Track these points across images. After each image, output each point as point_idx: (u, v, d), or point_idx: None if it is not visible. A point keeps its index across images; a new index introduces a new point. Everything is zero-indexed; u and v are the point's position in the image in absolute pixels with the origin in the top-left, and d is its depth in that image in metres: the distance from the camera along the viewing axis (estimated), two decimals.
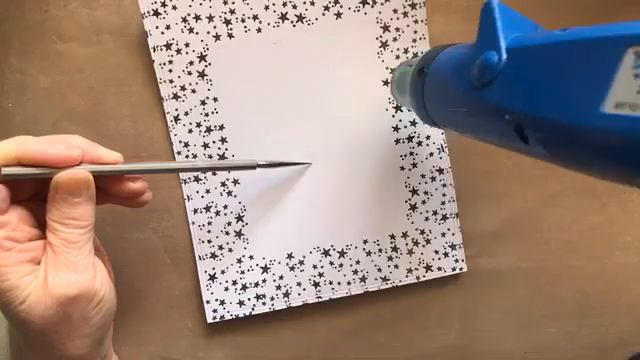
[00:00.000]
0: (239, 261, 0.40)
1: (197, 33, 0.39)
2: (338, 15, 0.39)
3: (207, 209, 0.40)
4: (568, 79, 0.19)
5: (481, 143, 0.41)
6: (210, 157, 0.40)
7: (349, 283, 0.41)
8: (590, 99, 0.18)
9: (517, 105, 0.22)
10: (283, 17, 0.39)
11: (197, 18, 0.38)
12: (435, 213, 0.41)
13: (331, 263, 0.41)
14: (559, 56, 0.20)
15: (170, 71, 0.39)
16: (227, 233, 0.40)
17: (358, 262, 0.41)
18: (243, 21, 0.39)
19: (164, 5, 0.38)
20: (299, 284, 0.41)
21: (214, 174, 0.40)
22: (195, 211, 0.40)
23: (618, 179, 0.20)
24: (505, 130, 0.23)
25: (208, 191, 0.40)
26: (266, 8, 0.39)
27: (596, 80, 0.18)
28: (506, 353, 0.43)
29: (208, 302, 0.40)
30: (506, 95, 0.23)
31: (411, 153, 0.41)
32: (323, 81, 0.40)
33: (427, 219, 0.41)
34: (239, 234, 0.40)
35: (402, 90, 0.35)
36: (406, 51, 0.40)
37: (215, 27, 0.39)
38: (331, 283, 0.41)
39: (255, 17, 0.39)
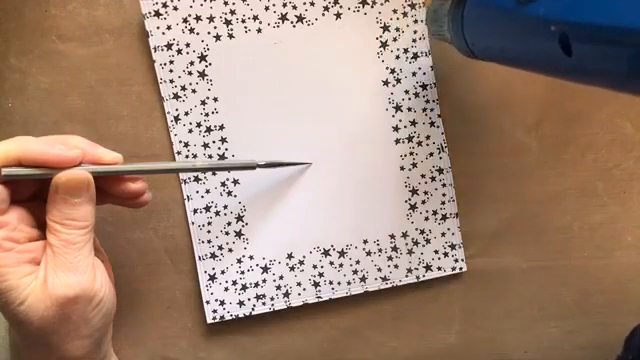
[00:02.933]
0: (239, 261, 0.40)
1: (198, 33, 0.39)
2: (338, 15, 0.39)
3: (207, 209, 0.40)
4: None
5: (481, 143, 0.41)
6: (210, 157, 0.40)
7: (349, 283, 0.41)
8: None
9: (563, 14, 0.22)
10: (283, 18, 0.39)
11: (198, 19, 0.38)
12: (435, 213, 0.41)
13: (331, 263, 0.41)
14: None
15: (171, 71, 0.39)
16: (227, 233, 0.40)
17: (358, 262, 0.41)
18: (243, 21, 0.39)
19: (165, 6, 0.38)
20: (299, 284, 0.41)
21: (214, 174, 0.40)
22: (195, 211, 0.40)
23: None
24: (549, 45, 0.23)
25: (208, 191, 0.40)
26: (266, 9, 0.39)
27: None
28: (506, 353, 0.43)
29: (208, 302, 0.40)
30: (552, 5, 0.22)
31: (411, 153, 0.41)
32: (323, 81, 0.40)
33: (427, 219, 0.41)
34: (239, 234, 0.40)
35: (438, 20, 0.34)
36: (406, 51, 0.40)
37: (216, 27, 0.39)
38: (331, 283, 0.41)
39: (255, 17, 0.39)
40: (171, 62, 0.39)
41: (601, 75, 0.22)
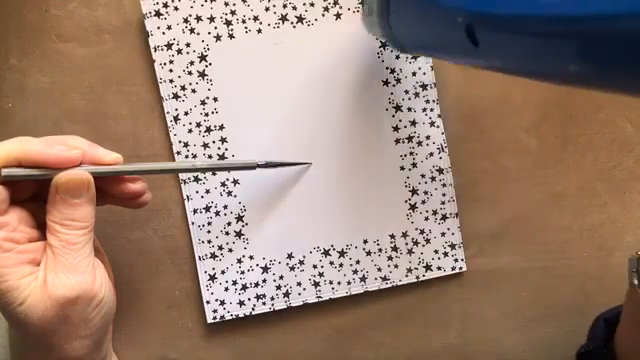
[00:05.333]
0: (239, 261, 0.40)
1: (198, 33, 0.39)
2: (338, 16, 0.39)
3: (207, 209, 0.40)
4: None
5: (481, 143, 0.41)
6: (210, 157, 0.40)
7: (349, 283, 0.41)
8: None
9: (468, 4, 0.22)
10: (283, 18, 0.39)
11: (198, 19, 0.38)
12: (435, 213, 0.41)
13: (331, 263, 0.41)
14: None
15: (170, 71, 0.39)
16: (227, 233, 0.40)
17: (358, 262, 0.41)
18: (244, 22, 0.39)
19: (166, 6, 0.38)
20: (299, 284, 0.41)
21: (214, 174, 0.40)
22: (195, 211, 0.40)
23: (558, 74, 0.20)
24: (457, 36, 0.24)
25: (208, 191, 0.40)
26: (266, 9, 0.39)
27: None
28: (506, 353, 0.43)
29: (208, 302, 0.40)
30: None
31: (411, 153, 0.41)
32: (323, 81, 0.40)
33: (427, 219, 0.41)
34: (239, 234, 0.40)
35: (370, 13, 0.35)
36: None
37: (216, 28, 0.39)
38: (331, 283, 0.41)
39: (256, 18, 0.39)
40: (171, 62, 0.39)
41: (505, 64, 0.23)
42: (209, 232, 0.40)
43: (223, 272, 0.40)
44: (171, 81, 0.39)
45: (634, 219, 0.42)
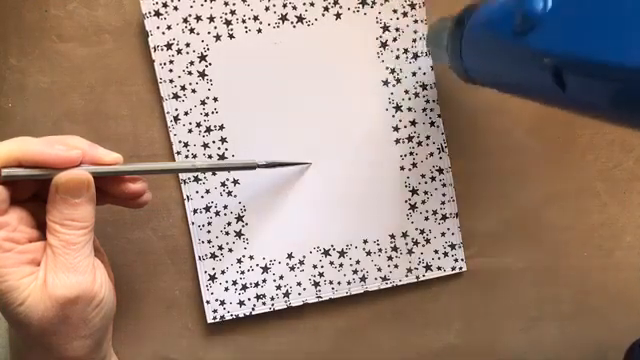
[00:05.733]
0: (239, 261, 0.40)
1: (198, 33, 0.39)
2: (338, 16, 0.39)
3: (207, 209, 0.40)
4: (613, 18, 0.19)
5: (481, 143, 0.41)
6: (210, 157, 0.40)
7: (349, 283, 0.41)
8: (636, 39, 0.18)
9: (560, 48, 0.22)
10: (283, 18, 0.39)
11: (198, 19, 0.38)
12: (435, 213, 0.41)
13: (331, 263, 0.41)
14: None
15: (170, 71, 0.39)
16: (227, 233, 0.40)
17: (358, 262, 0.41)
18: (244, 22, 0.39)
19: (165, 6, 0.38)
20: (299, 284, 0.41)
21: (214, 174, 0.40)
22: (195, 211, 0.40)
23: None
24: (543, 77, 0.23)
25: (208, 191, 0.40)
26: (266, 9, 0.39)
27: None
28: (506, 353, 0.43)
29: (208, 302, 0.40)
30: (550, 39, 0.22)
31: (411, 153, 0.41)
32: (323, 81, 0.40)
33: (427, 219, 0.41)
34: (239, 234, 0.40)
35: (438, 43, 0.35)
36: (406, 51, 0.40)
37: (216, 27, 0.39)
38: (331, 283, 0.41)
39: (255, 18, 0.39)
40: (171, 62, 0.39)
41: (594, 109, 0.22)
42: (209, 232, 0.40)
43: (223, 272, 0.40)
44: (171, 81, 0.39)
45: (634, 219, 0.42)
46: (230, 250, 0.40)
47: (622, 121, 0.21)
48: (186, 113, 0.39)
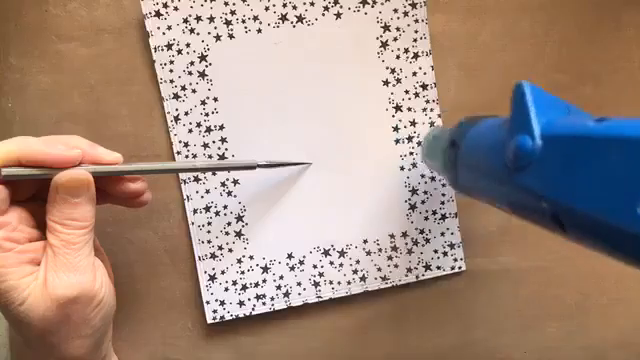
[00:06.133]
0: (239, 261, 0.40)
1: (198, 34, 0.39)
2: (338, 15, 0.39)
3: (207, 209, 0.40)
4: (603, 175, 0.19)
5: None
6: (210, 157, 0.40)
7: (349, 283, 0.41)
8: (627, 199, 0.18)
9: (552, 194, 0.21)
10: (283, 18, 0.39)
11: (198, 19, 0.38)
12: (434, 213, 0.41)
13: (331, 263, 0.41)
14: (595, 151, 0.19)
15: (171, 71, 0.39)
16: (227, 233, 0.40)
17: (358, 262, 0.41)
18: (243, 22, 0.39)
19: (166, 6, 0.38)
20: (299, 284, 0.41)
21: (214, 174, 0.40)
22: (195, 211, 0.40)
23: None
24: (542, 215, 0.22)
25: (208, 191, 0.40)
26: (266, 9, 0.39)
27: (633, 181, 0.17)
28: (506, 353, 0.43)
29: (208, 302, 0.40)
30: (542, 182, 0.22)
31: (411, 153, 0.41)
32: (323, 81, 0.40)
33: (426, 219, 0.41)
34: (239, 234, 0.40)
35: (433, 157, 0.34)
36: (406, 50, 0.40)
37: (216, 28, 0.39)
38: (331, 283, 0.41)
39: (255, 18, 0.39)
40: (171, 62, 0.39)
41: (600, 250, 0.21)
42: (209, 232, 0.40)
43: (223, 272, 0.40)
44: (171, 81, 0.39)
45: None
46: (230, 250, 0.40)
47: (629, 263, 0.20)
48: (186, 113, 0.39)
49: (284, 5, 0.39)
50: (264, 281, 0.40)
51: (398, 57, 0.40)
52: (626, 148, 0.18)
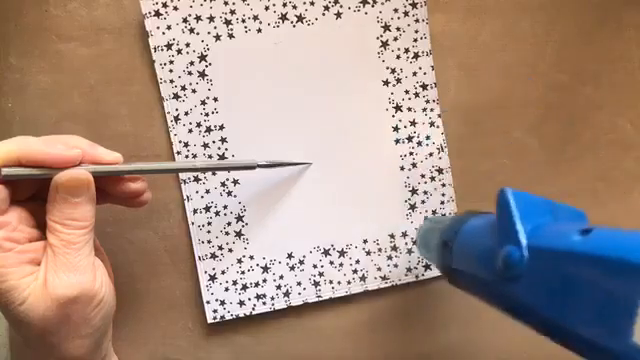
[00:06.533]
0: (239, 261, 0.40)
1: (198, 33, 0.39)
2: (338, 15, 0.39)
3: (207, 209, 0.40)
4: (592, 294, 0.18)
5: (481, 143, 0.41)
6: (210, 157, 0.40)
7: (349, 282, 0.41)
8: (618, 323, 0.17)
9: (543, 308, 0.21)
10: (283, 17, 0.39)
11: (198, 19, 0.38)
12: (434, 213, 0.41)
13: (331, 262, 0.41)
14: (581, 267, 0.19)
15: (171, 71, 0.39)
16: (227, 233, 0.40)
17: (358, 261, 0.41)
18: (243, 21, 0.39)
19: (165, 6, 0.38)
20: (299, 284, 0.41)
21: (214, 174, 0.40)
22: (195, 211, 0.40)
23: None
24: (535, 325, 0.22)
25: (208, 191, 0.40)
26: (266, 9, 0.39)
27: (622, 306, 0.17)
28: (506, 353, 0.43)
29: (208, 302, 0.40)
30: (532, 295, 0.22)
31: (411, 153, 0.41)
32: (323, 81, 0.40)
33: (427, 219, 0.41)
34: (239, 234, 0.40)
35: (428, 249, 0.34)
36: (407, 50, 0.40)
37: (216, 27, 0.39)
38: (331, 282, 0.41)
39: (255, 17, 0.39)
40: (171, 62, 0.39)
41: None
42: (209, 232, 0.40)
43: (223, 272, 0.40)
44: (171, 81, 0.39)
45: (634, 219, 0.42)
46: (230, 250, 0.40)
47: None
48: (186, 113, 0.39)
49: (284, 5, 0.39)
50: (264, 281, 0.40)
51: (398, 57, 0.40)
52: (611, 267, 0.18)
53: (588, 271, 0.19)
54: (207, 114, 0.39)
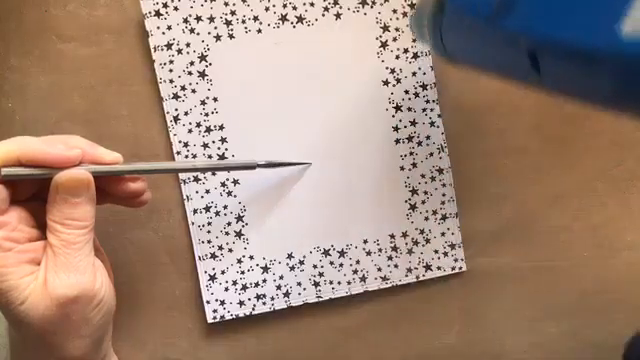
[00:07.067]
0: (239, 261, 0.40)
1: (198, 34, 0.39)
2: (338, 16, 0.39)
3: (207, 209, 0.40)
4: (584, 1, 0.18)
5: (480, 143, 0.41)
6: (210, 157, 0.40)
7: (349, 283, 0.41)
8: (607, 18, 0.17)
9: (534, 29, 0.21)
10: (283, 18, 0.39)
11: (198, 19, 0.38)
12: (435, 213, 0.41)
13: (331, 263, 0.41)
14: None
15: (170, 71, 0.39)
16: (227, 233, 0.40)
17: (358, 262, 0.41)
18: (244, 22, 0.39)
19: (165, 6, 0.38)
20: (299, 284, 0.41)
21: (214, 174, 0.40)
22: (195, 211, 0.40)
23: (629, 111, 0.19)
24: (519, 60, 0.22)
25: (208, 191, 0.40)
26: (266, 9, 0.39)
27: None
28: (506, 352, 0.43)
29: (208, 302, 0.40)
30: (524, 20, 0.22)
31: (411, 153, 0.41)
32: (323, 81, 0.40)
33: (427, 219, 0.41)
34: (239, 234, 0.40)
35: (420, 23, 0.34)
36: (406, 51, 0.40)
37: (216, 28, 0.39)
38: (331, 283, 0.41)
39: (255, 18, 0.39)
40: (171, 62, 0.39)
41: (571, 93, 0.21)
42: (209, 232, 0.40)
43: (223, 272, 0.40)
44: (171, 81, 0.39)
45: (634, 219, 0.42)
46: (230, 250, 0.40)
47: (605, 107, 0.20)
48: (186, 113, 0.39)
49: (284, 5, 0.39)
50: (264, 281, 0.40)
51: (398, 57, 0.40)
52: None
53: None
54: (207, 114, 0.39)
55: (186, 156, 0.40)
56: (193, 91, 0.39)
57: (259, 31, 0.39)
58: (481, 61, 0.28)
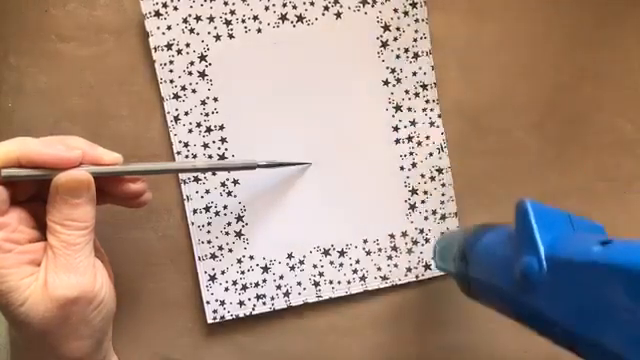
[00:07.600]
0: (239, 261, 0.40)
1: (198, 34, 0.38)
2: (338, 15, 0.39)
3: (207, 209, 0.40)
4: (614, 305, 0.18)
5: (481, 143, 0.41)
6: (210, 157, 0.40)
7: (349, 282, 0.41)
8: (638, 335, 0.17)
9: (563, 318, 0.21)
10: (283, 17, 0.39)
11: (198, 19, 0.38)
12: (434, 212, 0.41)
13: (331, 262, 0.41)
14: (601, 280, 0.19)
15: (171, 71, 0.39)
16: (227, 233, 0.40)
17: (358, 261, 0.41)
18: (243, 22, 0.39)
19: (165, 6, 0.38)
20: (299, 284, 0.41)
21: (214, 174, 0.40)
22: (195, 211, 0.40)
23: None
24: (554, 337, 0.22)
25: (208, 191, 0.40)
26: (266, 9, 0.39)
27: None
28: (506, 352, 0.43)
29: (208, 302, 0.40)
30: (551, 306, 0.21)
31: (411, 153, 0.41)
32: (323, 81, 0.40)
33: (426, 218, 0.41)
34: (239, 234, 0.40)
35: (445, 264, 0.34)
36: (406, 50, 0.40)
37: (216, 28, 0.39)
38: (331, 282, 0.41)
39: (255, 18, 0.39)
40: (171, 62, 0.39)
41: None
42: (209, 232, 0.40)
43: (223, 272, 0.40)
44: (171, 81, 0.39)
45: (634, 219, 0.42)
46: (230, 250, 0.40)
47: None
48: (186, 113, 0.39)
49: (284, 5, 0.39)
50: (264, 281, 0.40)
51: (398, 57, 0.40)
52: (632, 278, 0.17)
53: (609, 282, 0.18)
54: (207, 114, 0.39)
55: (186, 156, 0.40)
56: (193, 91, 0.39)
57: (259, 31, 0.39)
58: (513, 317, 0.27)
